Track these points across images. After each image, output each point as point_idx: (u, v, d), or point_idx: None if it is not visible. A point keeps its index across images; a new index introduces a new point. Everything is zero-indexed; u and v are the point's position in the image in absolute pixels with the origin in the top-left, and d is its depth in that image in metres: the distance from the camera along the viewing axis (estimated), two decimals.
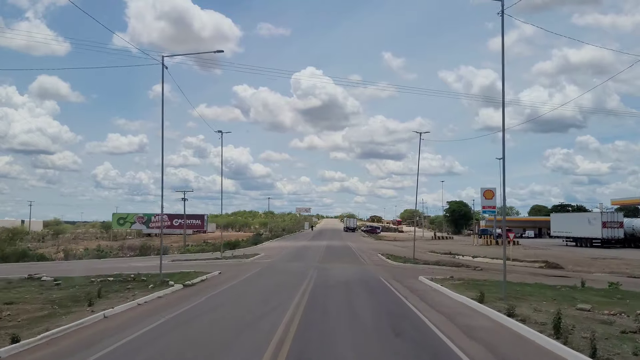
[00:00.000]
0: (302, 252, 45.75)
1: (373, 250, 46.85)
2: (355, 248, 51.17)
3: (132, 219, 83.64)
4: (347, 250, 49.13)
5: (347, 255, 41.17)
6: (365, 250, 48.46)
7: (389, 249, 50.48)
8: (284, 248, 50.99)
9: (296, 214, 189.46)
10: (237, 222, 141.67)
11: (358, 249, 49.42)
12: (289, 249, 49.03)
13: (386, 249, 51.67)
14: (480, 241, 65.91)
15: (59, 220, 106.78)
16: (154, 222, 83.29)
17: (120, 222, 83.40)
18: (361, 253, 43.37)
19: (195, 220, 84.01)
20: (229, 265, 29.07)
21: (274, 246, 56.08)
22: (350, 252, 45.91)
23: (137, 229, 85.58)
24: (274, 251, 45.21)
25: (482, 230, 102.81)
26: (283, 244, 66.73)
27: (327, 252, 44.03)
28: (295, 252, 45.03)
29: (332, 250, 48.37)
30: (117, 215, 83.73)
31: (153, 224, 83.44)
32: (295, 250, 47.05)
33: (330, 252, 44.20)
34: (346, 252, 45.93)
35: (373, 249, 49.63)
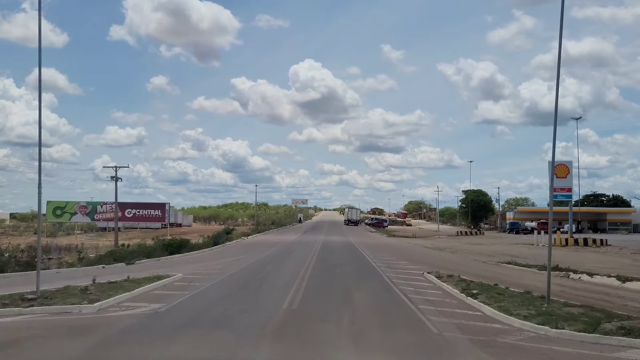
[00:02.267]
0: (277, 257, 26.13)
1: (400, 258, 26.97)
2: (367, 250, 31.48)
3: (72, 209, 63.50)
4: (354, 255, 29.24)
5: (360, 272, 21.06)
6: (385, 255, 28.49)
7: (423, 254, 30.63)
8: (252, 251, 31.52)
9: (292, 206, 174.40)
10: (222, 215, 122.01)
11: (373, 255, 29.07)
12: (257, 256, 29.04)
13: (419, 253, 31.78)
14: (542, 240, 45.14)
15: (35, 212, 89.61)
16: (100, 212, 63.27)
17: (57, 212, 63.24)
18: (383, 264, 23.26)
19: (154, 210, 63.82)
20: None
21: (238, 248, 36.28)
22: (360, 260, 25.87)
23: (87, 222, 65.71)
24: (226, 260, 25.14)
25: (511, 223, 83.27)
26: (262, 239, 46.82)
27: (319, 263, 23.92)
28: (261, 262, 24.89)
29: (329, 254, 28.55)
30: (54, 204, 63.40)
31: (100, 214, 63.42)
32: (263, 259, 26.94)
33: (325, 264, 24.03)
34: (354, 260, 25.95)
35: (397, 254, 29.84)
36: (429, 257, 27.73)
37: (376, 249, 33.58)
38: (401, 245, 40.37)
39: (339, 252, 31.41)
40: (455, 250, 34.63)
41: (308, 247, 34.75)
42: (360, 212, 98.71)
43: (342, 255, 28.65)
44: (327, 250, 32.53)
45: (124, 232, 70.38)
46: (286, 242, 41.37)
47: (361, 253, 30.13)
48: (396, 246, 38.64)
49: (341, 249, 33.80)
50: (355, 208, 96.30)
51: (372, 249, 34.07)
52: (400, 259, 26.43)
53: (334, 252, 31.26)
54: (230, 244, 41.04)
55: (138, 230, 74.78)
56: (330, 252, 31.23)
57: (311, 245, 36.43)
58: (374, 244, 40.69)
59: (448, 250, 34.41)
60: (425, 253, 31.45)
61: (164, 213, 62.73)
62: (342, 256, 28.25)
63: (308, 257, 26.64)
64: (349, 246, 37.28)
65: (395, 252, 31.37)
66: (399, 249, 35.77)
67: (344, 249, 34.55)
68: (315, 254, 29.13)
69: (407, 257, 28.14)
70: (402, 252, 31.73)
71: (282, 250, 32.42)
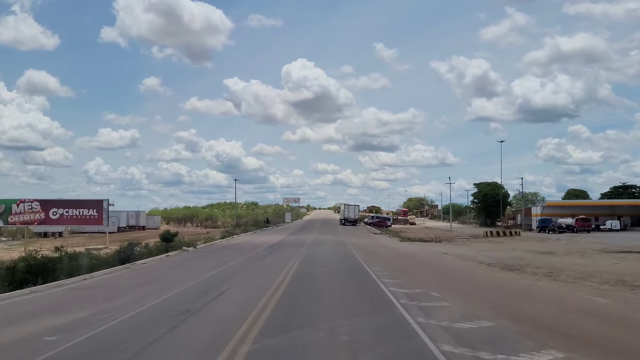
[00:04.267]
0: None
1: (473, 303, 11.23)
2: (384, 273, 15.56)
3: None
4: (367, 294, 13.30)
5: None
6: (431, 291, 12.46)
7: (506, 288, 14.68)
8: (160, 281, 16.00)
9: (283, 205, 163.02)
10: (200, 215, 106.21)
11: (406, 293, 13.05)
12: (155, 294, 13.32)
13: (489, 281, 15.89)
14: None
15: None
16: (17, 213, 47.17)
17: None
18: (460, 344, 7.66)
19: (87, 210, 47.65)
20: None
21: (169, 265, 20.57)
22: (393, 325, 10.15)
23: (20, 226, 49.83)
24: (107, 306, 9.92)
25: (542, 220, 68.00)
26: (220, 245, 31.10)
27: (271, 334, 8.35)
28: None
29: (309, 290, 13.10)
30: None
31: (15, 216, 47.36)
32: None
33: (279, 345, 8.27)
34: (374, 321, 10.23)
35: (451, 288, 13.93)
36: (531, 300, 12.04)
37: (400, 271, 17.91)
38: (434, 259, 24.68)
39: (332, 278, 15.84)
40: (540, 268, 19.02)
41: (277, 266, 19.19)
42: (359, 209, 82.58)
43: (340, 293, 13.01)
44: (307, 276, 16.85)
45: (61, 239, 55.28)
46: (242, 260, 25.80)
47: (383, 293, 14.12)
48: (429, 262, 22.99)
49: (336, 271, 18.15)
50: (353, 204, 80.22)
51: (393, 269, 18.40)
52: (476, 306, 10.76)
53: (322, 278, 15.74)
54: (174, 254, 25.79)
55: (87, 236, 59.54)
56: (314, 278, 15.72)
57: (283, 262, 20.83)
58: (388, 256, 25.13)
59: (529, 270, 18.76)
60: (508, 285, 15.63)
61: (100, 213, 46.55)
62: (338, 294, 12.65)
63: (255, 304, 10.93)
64: (347, 260, 21.78)
65: (441, 281, 15.64)
66: (439, 269, 20.10)
67: (341, 267, 18.96)
68: (283, 284, 13.58)
69: (481, 296, 12.52)
70: (456, 282, 15.89)
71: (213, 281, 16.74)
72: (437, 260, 22.46)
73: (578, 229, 62.46)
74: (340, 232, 52.55)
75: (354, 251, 26.96)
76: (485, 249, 31.72)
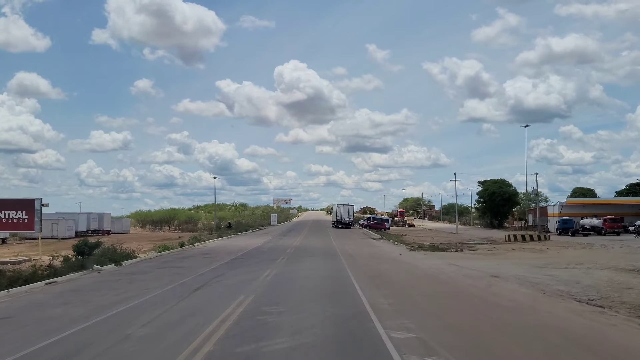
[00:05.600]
0: None
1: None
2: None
3: None
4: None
5: None
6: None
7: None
8: None
9: (273, 206, 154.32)
10: (179, 217, 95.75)
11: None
12: None
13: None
14: None
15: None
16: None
17: None
18: None
19: (15, 212, 37.09)
20: None
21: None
22: None
23: None
24: None
25: (563, 221, 58.37)
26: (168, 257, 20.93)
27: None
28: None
29: None
30: None
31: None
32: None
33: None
34: None
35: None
36: None
37: (466, 349, 7.96)
38: (497, 294, 14.18)
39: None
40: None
41: (200, 316, 9.35)
42: (353, 210, 72.26)
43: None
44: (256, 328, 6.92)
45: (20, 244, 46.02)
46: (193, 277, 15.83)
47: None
48: (495, 305, 12.65)
49: (315, 348, 8.27)
50: (347, 204, 69.72)
51: (442, 334, 8.49)
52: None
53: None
54: (74, 277, 15.94)
55: (34, 243, 49.72)
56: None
57: (218, 305, 10.92)
58: (409, 286, 15.05)
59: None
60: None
61: (31, 216, 36.07)
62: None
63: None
64: (340, 301, 11.90)
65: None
66: (548, 336, 10.19)
67: (327, 330, 9.12)
68: None
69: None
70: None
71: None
72: (505, 300, 12.43)
73: (606, 230, 53.30)
74: (333, 238, 42.64)
75: (352, 273, 17.07)
76: (535, 262, 21.86)
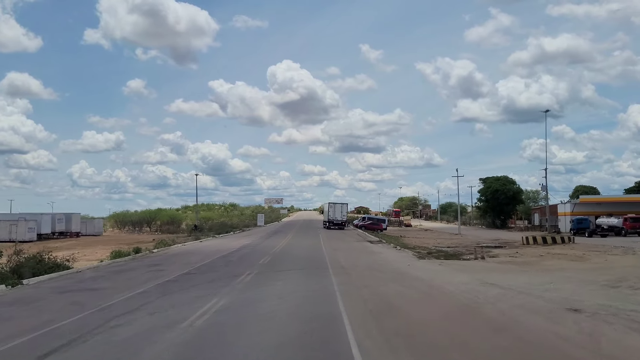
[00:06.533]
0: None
1: None
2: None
3: None
4: None
5: None
6: None
7: None
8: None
9: (264, 206, 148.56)
10: (161, 217, 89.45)
11: None
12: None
13: None
14: None
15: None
16: None
17: None
18: None
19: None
20: None
21: None
22: None
23: None
24: None
25: (578, 220, 52.70)
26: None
27: None
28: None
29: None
30: None
31: None
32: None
33: None
34: None
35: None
36: None
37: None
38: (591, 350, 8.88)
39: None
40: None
41: None
42: (347, 209, 66.09)
43: None
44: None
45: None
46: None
47: None
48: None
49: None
50: (340, 203, 63.49)
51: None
52: None
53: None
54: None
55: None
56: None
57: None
58: (451, 335, 9.23)
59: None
60: None
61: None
62: None
63: None
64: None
65: None
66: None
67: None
68: None
69: None
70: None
71: None
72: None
73: (627, 231, 48.05)
74: (322, 241, 36.77)
75: (345, 305, 11.12)
76: (594, 277, 16.07)
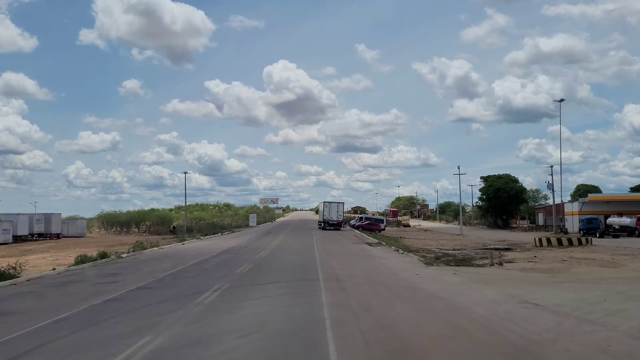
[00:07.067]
0: None
1: None
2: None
3: None
4: None
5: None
6: None
7: None
8: None
9: (260, 206, 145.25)
10: (150, 217, 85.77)
11: None
12: None
13: None
14: None
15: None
16: None
17: None
18: None
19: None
20: None
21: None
22: None
23: None
24: None
25: (588, 220, 49.37)
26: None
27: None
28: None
29: None
30: None
31: None
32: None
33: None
34: None
35: None
36: None
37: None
38: None
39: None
40: None
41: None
42: (343, 208, 62.49)
43: None
44: None
45: None
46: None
47: None
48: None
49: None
50: (336, 202, 59.95)
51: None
52: None
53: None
54: None
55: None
56: None
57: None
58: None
59: None
60: None
61: None
62: None
63: None
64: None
65: None
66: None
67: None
68: None
69: None
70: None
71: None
72: None
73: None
74: (316, 244, 33.37)
75: (336, 344, 7.78)
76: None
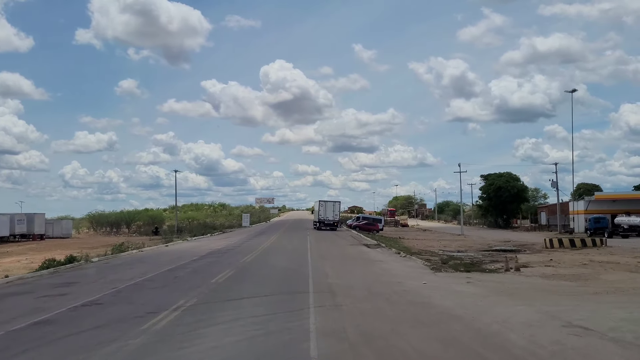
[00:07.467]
0: None
1: None
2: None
3: None
4: None
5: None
6: None
7: None
8: None
9: (255, 206, 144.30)
10: (141, 217, 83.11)
11: None
12: None
13: None
14: None
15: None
16: None
17: None
18: None
19: None
20: None
21: None
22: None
23: None
24: None
25: (596, 219, 47.05)
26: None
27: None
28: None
29: None
30: None
31: None
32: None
33: None
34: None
35: None
36: None
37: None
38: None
39: None
40: None
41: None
42: (340, 208, 59.89)
43: None
44: None
45: None
46: None
47: None
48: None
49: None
50: (332, 201, 57.49)
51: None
52: None
53: None
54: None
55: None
56: None
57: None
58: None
59: None
60: None
61: None
62: None
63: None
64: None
65: None
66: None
67: None
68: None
69: None
70: None
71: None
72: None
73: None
74: (310, 246, 30.90)
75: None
76: None
